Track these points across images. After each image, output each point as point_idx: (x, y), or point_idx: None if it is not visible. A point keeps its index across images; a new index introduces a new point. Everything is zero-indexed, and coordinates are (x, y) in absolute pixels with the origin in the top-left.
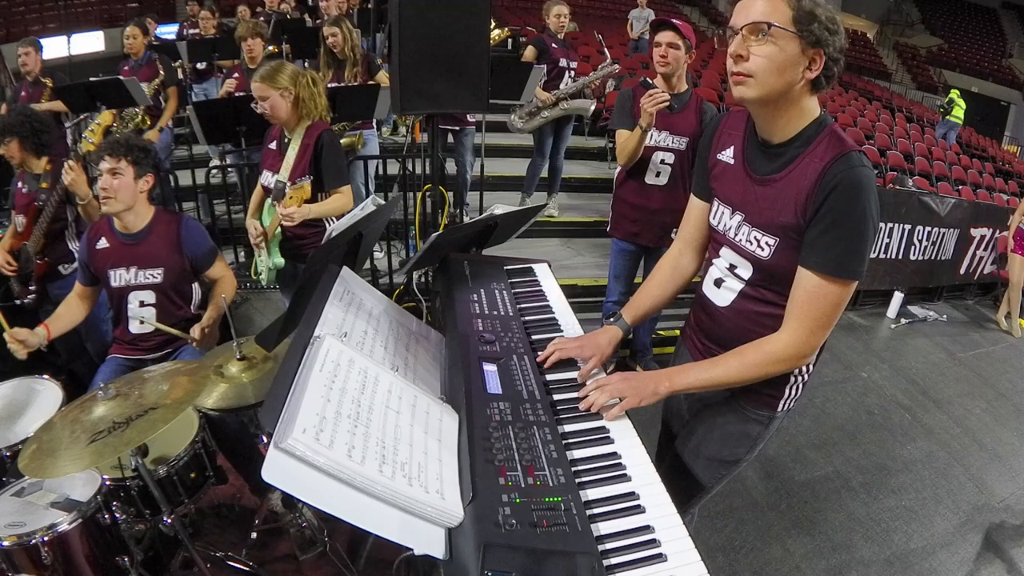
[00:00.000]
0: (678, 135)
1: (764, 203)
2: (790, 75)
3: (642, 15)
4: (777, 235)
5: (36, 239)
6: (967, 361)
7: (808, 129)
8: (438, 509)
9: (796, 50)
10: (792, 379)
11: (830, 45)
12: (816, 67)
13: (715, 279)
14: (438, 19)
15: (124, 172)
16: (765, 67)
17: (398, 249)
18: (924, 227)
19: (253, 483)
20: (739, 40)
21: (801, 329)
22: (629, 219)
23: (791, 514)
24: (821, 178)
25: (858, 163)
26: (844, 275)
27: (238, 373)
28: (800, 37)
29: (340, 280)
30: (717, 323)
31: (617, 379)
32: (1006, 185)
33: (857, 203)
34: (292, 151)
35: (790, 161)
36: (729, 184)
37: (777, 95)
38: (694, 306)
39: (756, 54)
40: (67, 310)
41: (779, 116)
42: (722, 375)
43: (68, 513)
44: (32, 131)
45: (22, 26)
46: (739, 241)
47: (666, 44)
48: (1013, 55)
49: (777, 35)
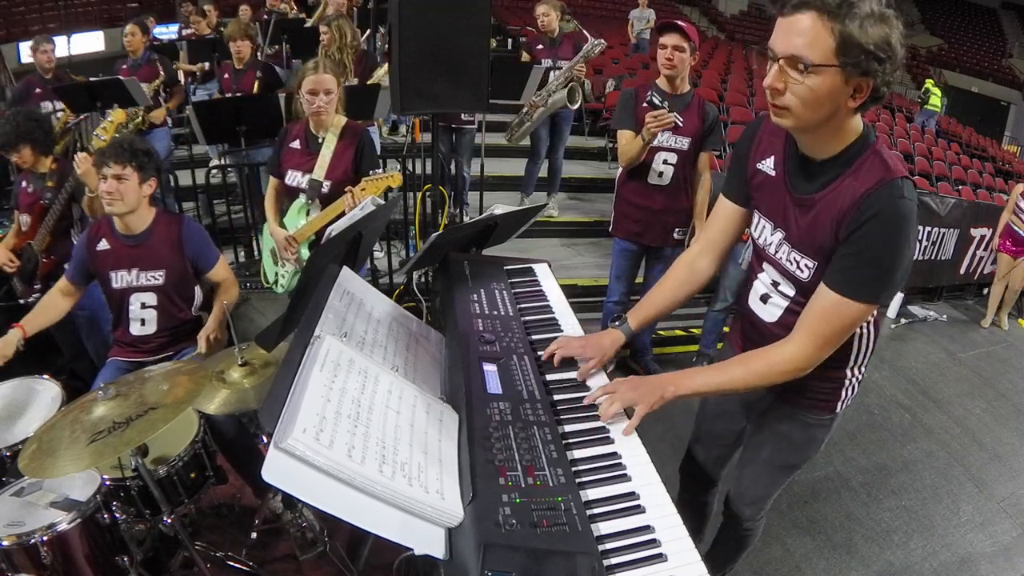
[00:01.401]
0: (681, 136)
1: (804, 224)
2: (830, 107)
3: (642, 15)
4: (816, 258)
5: (42, 238)
6: (967, 361)
7: (852, 148)
8: (438, 509)
9: (839, 83)
10: (846, 383)
11: (879, 75)
12: (862, 95)
13: (761, 294)
14: (438, 19)
15: (129, 177)
16: (802, 104)
17: (398, 249)
18: (924, 227)
19: (253, 483)
20: (776, 72)
21: (810, 343)
22: (631, 219)
23: (791, 514)
24: (861, 203)
25: (900, 194)
26: (864, 299)
27: (240, 379)
28: (843, 70)
29: (340, 280)
30: (767, 339)
31: (625, 387)
32: (1006, 185)
33: (894, 235)
34: (328, 149)
35: (831, 180)
36: (770, 198)
37: (817, 124)
38: (740, 318)
39: (794, 91)
40: (49, 304)
41: (820, 138)
42: (727, 382)
43: (68, 513)
44: (43, 134)
45: (22, 26)
46: (780, 259)
47: (672, 46)
48: (1013, 55)
49: (817, 72)
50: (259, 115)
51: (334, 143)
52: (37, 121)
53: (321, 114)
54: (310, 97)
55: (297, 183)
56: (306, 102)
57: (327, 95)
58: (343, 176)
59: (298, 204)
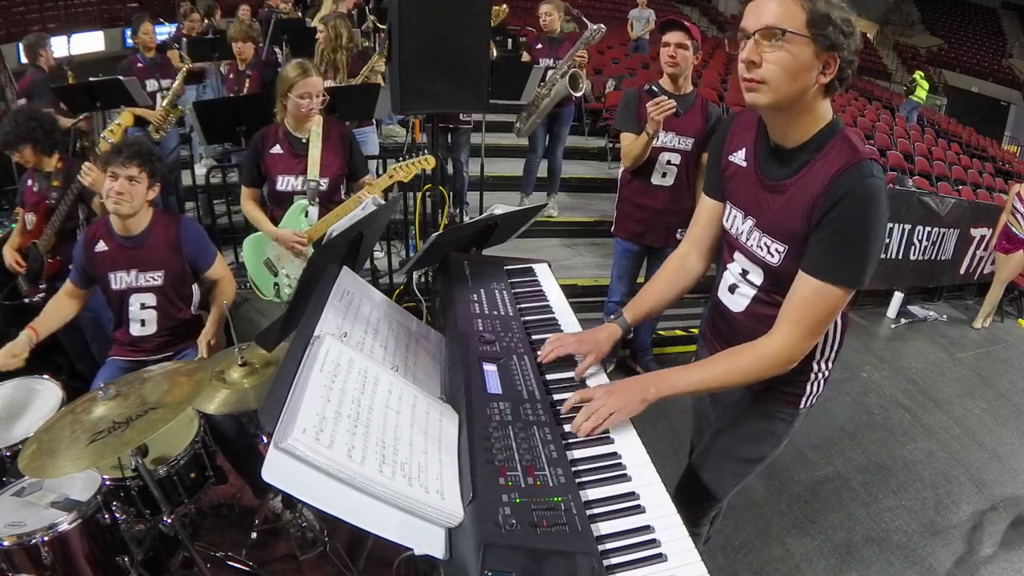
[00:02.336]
0: (684, 136)
1: (775, 209)
2: (804, 80)
3: (642, 15)
4: (787, 242)
5: (47, 237)
6: (967, 361)
7: (821, 134)
8: (438, 509)
9: (810, 54)
10: (812, 376)
11: (845, 48)
12: (830, 71)
13: (729, 284)
14: (438, 19)
15: (141, 180)
16: (779, 73)
17: (398, 249)
18: (924, 227)
19: (253, 483)
20: (751, 45)
21: (795, 333)
22: (634, 219)
23: (791, 514)
24: (830, 185)
25: (869, 173)
26: (844, 282)
27: (240, 379)
28: (815, 41)
29: (340, 280)
30: (734, 329)
31: (602, 394)
32: (1006, 185)
33: (865, 214)
34: (315, 148)
35: (802, 167)
36: (741, 187)
37: (790, 100)
38: (711, 311)
39: (769, 60)
40: (56, 310)
41: (791, 121)
42: (712, 378)
43: (68, 513)
44: (44, 133)
45: (22, 26)
46: (750, 246)
47: (675, 44)
48: (1013, 55)
49: (791, 40)
50: (259, 115)
51: (320, 141)
52: (37, 120)
53: (312, 116)
54: (303, 101)
55: (292, 187)
56: (296, 105)
57: (318, 97)
58: (338, 172)
59: (298, 206)
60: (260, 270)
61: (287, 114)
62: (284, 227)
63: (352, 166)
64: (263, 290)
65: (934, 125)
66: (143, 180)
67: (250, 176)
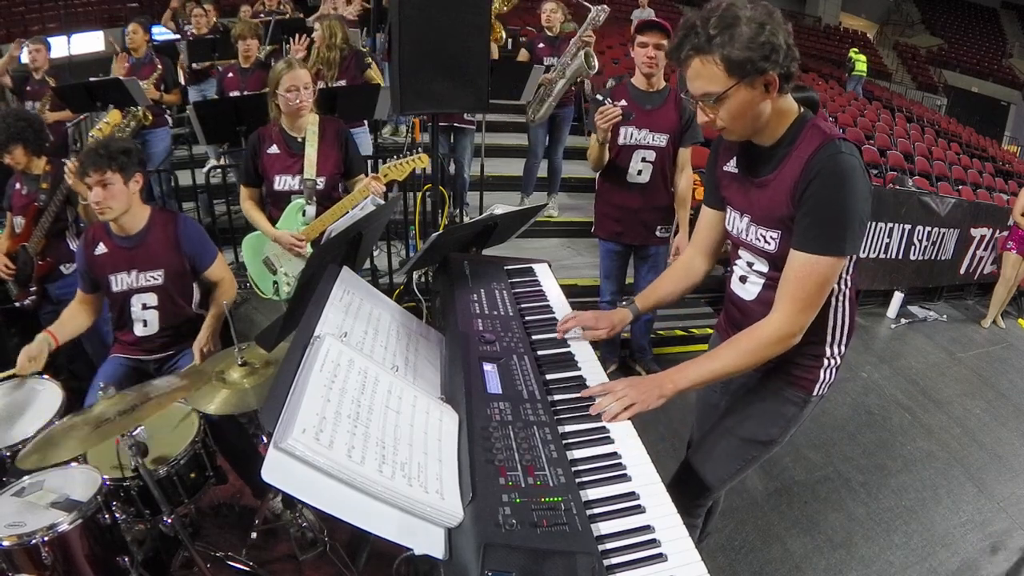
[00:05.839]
0: (658, 132)
1: (764, 202)
2: (756, 110)
3: (643, 15)
4: (778, 228)
5: (37, 240)
6: (967, 361)
7: (792, 128)
8: (438, 509)
9: (747, 92)
10: (825, 362)
11: (774, 63)
12: (773, 86)
13: (739, 276)
14: (438, 19)
15: (113, 181)
16: (731, 119)
17: (398, 249)
18: (924, 227)
19: (253, 483)
20: (699, 110)
21: (791, 308)
22: (612, 218)
23: (791, 514)
24: (805, 167)
25: (837, 150)
26: (828, 252)
27: (240, 379)
28: (743, 82)
29: (340, 280)
30: (748, 316)
31: (624, 384)
32: (1006, 185)
33: (840, 186)
34: (311, 147)
35: (781, 160)
36: (735, 191)
37: (756, 126)
38: (726, 304)
39: (719, 115)
40: (71, 317)
41: (764, 130)
42: (720, 367)
43: (68, 513)
44: (35, 134)
45: (22, 26)
46: (751, 240)
47: (653, 44)
48: (1013, 55)
49: (725, 95)
50: (259, 115)
51: (316, 140)
52: (28, 121)
53: (303, 110)
54: (290, 95)
55: (289, 186)
56: (285, 100)
57: (306, 89)
58: (335, 170)
59: (296, 205)
60: (259, 269)
61: (280, 113)
62: (281, 227)
63: (348, 163)
64: (263, 288)
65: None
66: (114, 180)
67: (248, 176)
